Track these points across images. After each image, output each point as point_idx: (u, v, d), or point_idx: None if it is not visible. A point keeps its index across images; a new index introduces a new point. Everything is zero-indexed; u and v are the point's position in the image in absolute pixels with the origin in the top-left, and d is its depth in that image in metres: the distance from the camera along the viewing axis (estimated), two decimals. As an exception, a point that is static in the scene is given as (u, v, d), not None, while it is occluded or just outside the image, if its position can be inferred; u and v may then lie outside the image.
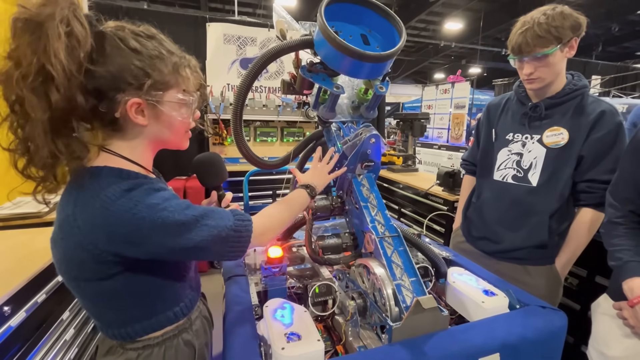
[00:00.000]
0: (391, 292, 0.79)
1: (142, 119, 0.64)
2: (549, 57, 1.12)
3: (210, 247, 0.65)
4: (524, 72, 1.19)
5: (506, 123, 1.36)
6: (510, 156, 1.31)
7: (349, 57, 0.87)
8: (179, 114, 0.68)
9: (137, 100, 0.61)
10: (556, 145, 1.20)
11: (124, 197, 0.58)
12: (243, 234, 0.69)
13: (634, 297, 0.87)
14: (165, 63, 0.64)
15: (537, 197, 1.24)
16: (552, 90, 1.22)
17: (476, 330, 0.79)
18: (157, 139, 0.69)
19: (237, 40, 3.15)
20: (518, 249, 1.28)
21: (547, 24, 1.09)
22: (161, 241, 0.60)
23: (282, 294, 0.96)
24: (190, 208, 0.64)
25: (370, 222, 0.92)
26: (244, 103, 1.01)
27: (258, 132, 3.35)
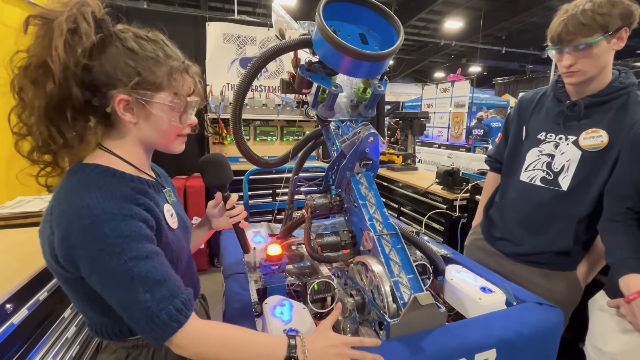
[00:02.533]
0: (389, 289, 0.80)
1: (130, 116, 0.65)
2: (593, 47, 1.01)
3: (127, 318, 0.60)
4: (564, 63, 1.08)
5: (539, 121, 1.26)
6: (541, 157, 1.23)
7: (347, 57, 0.88)
8: (168, 117, 0.68)
9: (125, 96, 0.63)
10: (594, 149, 1.10)
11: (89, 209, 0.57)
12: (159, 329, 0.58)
13: (630, 293, 0.87)
14: (160, 66, 0.65)
15: (566, 202, 1.16)
16: (595, 87, 1.11)
17: (473, 326, 0.80)
18: (147, 140, 0.70)
19: (236, 39, 3.15)
20: (539, 254, 1.23)
21: (593, 10, 0.99)
22: (90, 275, 0.58)
23: (281, 291, 0.96)
24: (141, 262, 0.58)
25: (368, 220, 0.93)
26: (243, 102, 1.01)
27: (258, 131, 3.35)
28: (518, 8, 9.29)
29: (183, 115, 0.70)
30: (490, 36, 11.60)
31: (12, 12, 1.82)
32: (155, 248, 0.63)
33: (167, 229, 0.71)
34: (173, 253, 0.71)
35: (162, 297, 0.59)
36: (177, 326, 0.59)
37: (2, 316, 0.92)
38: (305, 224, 1.01)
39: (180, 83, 0.69)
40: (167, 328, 0.58)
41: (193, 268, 0.86)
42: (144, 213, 0.64)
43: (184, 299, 0.62)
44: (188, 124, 0.74)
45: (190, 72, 0.71)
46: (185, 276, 0.79)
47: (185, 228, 0.83)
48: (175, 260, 0.73)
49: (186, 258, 0.80)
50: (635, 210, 0.96)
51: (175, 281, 0.63)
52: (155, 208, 0.68)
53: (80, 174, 0.63)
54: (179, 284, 0.63)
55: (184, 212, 0.85)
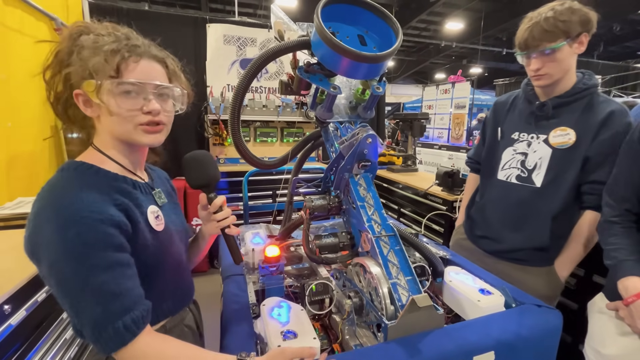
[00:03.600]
0: (387, 291, 0.80)
1: (90, 111, 0.66)
2: (557, 52, 1.09)
3: (75, 325, 0.60)
4: (531, 67, 1.16)
5: (513, 121, 1.33)
6: (515, 156, 1.30)
7: (345, 58, 0.88)
8: (115, 102, 0.63)
9: (79, 91, 0.64)
10: (563, 146, 1.17)
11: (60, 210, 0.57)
12: (102, 342, 0.57)
13: (628, 295, 0.87)
14: (97, 53, 0.62)
15: (540, 199, 1.22)
16: (561, 89, 1.19)
17: (471, 328, 0.80)
18: (114, 132, 0.68)
19: (237, 40, 3.16)
20: (518, 250, 1.28)
21: (555, 18, 1.07)
22: (47, 277, 0.58)
23: (279, 292, 0.96)
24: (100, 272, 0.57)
25: (366, 221, 0.93)
26: (242, 103, 1.01)
27: (258, 133, 3.36)
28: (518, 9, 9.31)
29: (122, 97, 0.64)
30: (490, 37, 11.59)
31: (13, 14, 1.83)
32: (121, 258, 0.61)
33: (147, 231, 0.68)
34: (152, 257, 0.69)
35: (112, 311, 0.57)
36: (120, 344, 0.58)
37: (0, 317, 0.92)
38: (304, 225, 1.01)
39: (123, 65, 0.64)
40: (110, 343, 0.57)
41: (183, 273, 0.82)
42: (118, 215, 0.62)
43: (135, 316, 0.59)
44: (145, 111, 0.66)
45: (138, 52, 0.66)
46: (172, 282, 0.77)
47: (180, 232, 0.80)
48: (155, 264, 0.70)
49: (174, 263, 0.76)
50: (634, 212, 0.96)
51: (132, 296, 0.60)
52: (133, 209, 0.66)
53: (65, 172, 0.65)
54: (136, 299, 0.61)
55: (179, 216, 0.82)
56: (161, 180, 0.85)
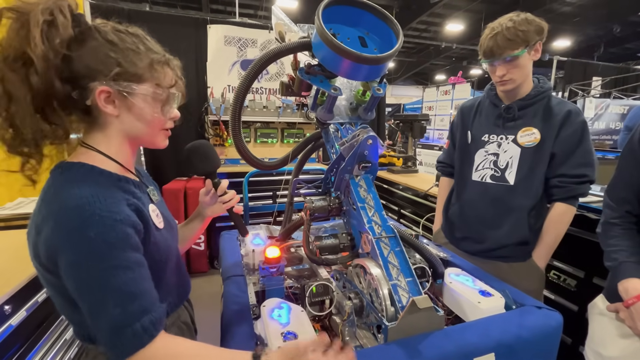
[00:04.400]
0: (387, 292, 0.80)
1: (112, 108, 0.65)
2: (519, 59, 1.20)
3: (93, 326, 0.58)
4: (497, 74, 1.25)
5: (481, 125, 1.40)
6: (487, 157, 1.36)
7: (346, 60, 0.88)
8: (151, 108, 0.68)
9: (105, 88, 0.62)
10: (530, 145, 1.26)
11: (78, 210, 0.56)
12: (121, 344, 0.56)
13: (629, 297, 0.87)
14: (141, 57, 0.65)
15: (515, 195, 1.29)
16: (522, 93, 1.29)
17: (471, 330, 0.80)
18: (130, 133, 0.69)
19: (237, 41, 3.17)
20: (501, 247, 1.33)
21: (515, 28, 1.18)
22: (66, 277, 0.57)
23: (279, 294, 0.96)
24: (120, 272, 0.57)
25: (367, 222, 0.93)
26: (242, 104, 1.02)
27: (258, 134, 3.36)
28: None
29: (165, 107, 0.70)
30: (491, 39, 11.61)
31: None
32: (139, 257, 0.61)
33: (154, 229, 0.70)
34: (161, 253, 0.71)
35: (131, 312, 0.57)
36: (139, 345, 0.57)
37: (0, 317, 0.92)
38: (304, 227, 1.01)
39: (162, 75, 0.69)
40: (129, 345, 0.56)
41: (182, 268, 0.85)
42: (134, 217, 0.63)
43: (154, 318, 0.59)
44: (171, 118, 0.73)
45: (172, 65, 0.71)
46: (174, 276, 0.79)
47: (171, 228, 0.82)
48: (164, 260, 0.72)
49: (174, 258, 0.79)
50: (634, 214, 0.96)
51: (150, 297, 0.61)
52: (142, 208, 0.67)
53: (67, 174, 0.62)
54: (153, 300, 0.61)
55: (168, 212, 0.84)
56: (146, 177, 0.86)
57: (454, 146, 1.54)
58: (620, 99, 6.44)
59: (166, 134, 0.75)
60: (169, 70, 0.70)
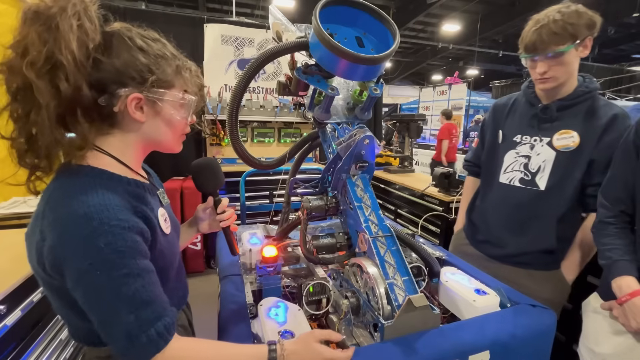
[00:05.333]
0: (383, 291, 0.80)
1: (140, 114, 0.64)
2: (564, 55, 1.08)
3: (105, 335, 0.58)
4: (537, 70, 1.14)
5: (514, 124, 1.31)
6: (518, 159, 1.27)
7: (343, 60, 0.88)
8: (178, 114, 0.69)
9: (138, 95, 0.62)
10: (566, 149, 1.16)
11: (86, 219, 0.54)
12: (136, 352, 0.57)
13: (622, 295, 0.88)
14: (169, 63, 0.66)
15: (545, 202, 1.20)
16: (564, 92, 1.18)
17: (467, 328, 0.80)
18: (151, 138, 0.69)
19: (234, 41, 3.16)
20: (523, 254, 1.25)
21: (563, 21, 1.06)
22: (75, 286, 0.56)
23: (276, 293, 0.96)
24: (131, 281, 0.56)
25: (364, 222, 0.93)
26: (240, 104, 1.02)
27: (255, 133, 3.36)
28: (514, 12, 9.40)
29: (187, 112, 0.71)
30: (487, 39, 11.67)
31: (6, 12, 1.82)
32: (148, 264, 0.61)
33: (161, 235, 0.69)
34: (166, 259, 0.70)
35: (145, 319, 0.57)
36: (155, 351, 0.57)
37: (-5, 317, 0.92)
38: (301, 226, 1.01)
39: (189, 80, 0.70)
40: (145, 352, 0.56)
41: (182, 272, 0.85)
42: (141, 224, 0.61)
43: (167, 322, 0.59)
44: (190, 122, 0.75)
45: (193, 71, 0.72)
46: (175, 281, 0.78)
47: (177, 232, 0.82)
48: (168, 266, 0.72)
49: (177, 263, 0.79)
50: (628, 213, 0.97)
51: (162, 302, 0.60)
52: (151, 215, 0.66)
53: (74, 178, 0.60)
54: (165, 305, 0.61)
55: (173, 214, 0.83)
56: (156, 178, 0.85)
57: (483, 145, 1.44)
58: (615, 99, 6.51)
59: (183, 138, 0.76)
60: (190, 75, 0.71)
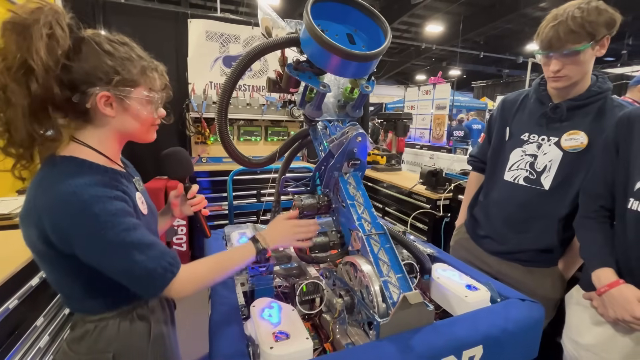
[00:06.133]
0: (378, 289, 0.80)
1: (110, 110, 0.72)
2: (580, 54, 1.05)
3: (129, 278, 0.69)
4: (551, 68, 1.10)
5: (522, 122, 1.28)
6: (524, 157, 1.26)
7: (335, 56, 0.87)
8: (145, 109, 0.76)
9: (106, 93, 0.70)
10: (574, 150, 1.14)
11: (76, 196, 0.64)
12: (157, 281, 0.69)
13: (601, 286, 0.91)
14: (134, 65, 0.73)
15: (548, 201, 1.20)
16: (576, 91, 1.15)
17: (460, 324, 0.81)
18: (123, 130, 0.77)
19: (219, 37, 3.09)
20: (523, 252, 1.26)
21: (582, 18, 1.02)
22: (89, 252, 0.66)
23: (269, 293, 0.95)
24: (131, 232, 0.68)
25: (357, 219, 0.93)
26: (229, 101, 1.00)
27: (242, 131, 3.30)
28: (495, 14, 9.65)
29: (156, 107, 0.79)
30: (469, 41, 11.94)
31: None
32: (138, 221, 0.71)
33: (141, 215, 0.78)
34: None
35: (154, 256, 0.69)
36: (171, 276, 0.70)
37: (-33, 326, 0.86)
38: (294, 225, 1.00)
39: (153, 79, 0.77)
40: (164, 279, 0.69)
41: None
42: (124, 196, 0.72)
43: (172, 255, 0.72)
44: (159, 116, 0.82)
45: (159, 70, 0.80)
46: None
47: (154, 216, 0.90)
48: None
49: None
50: (607, 208, 1.00)
51: (161, 244, 0.73)
52: (127, 197, 0.74)
53: (59, 166, 0.69)
54: (165, 247, 0.73)
55: (151, 200, 0.92)
56: (132, 168, 0.92)
57: (490, 141, 1.42)
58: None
59: (155, 129, 0.84)
60: (157, 74, 0.79)
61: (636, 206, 0.88)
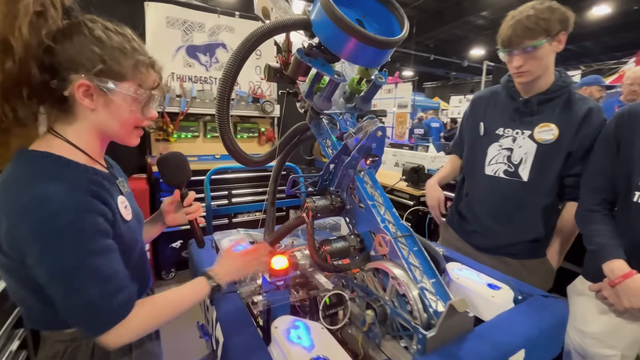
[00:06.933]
0: (418, 297, 0.73)
1: (89, 102, 0.65)
2: (538, 49, 1.12)
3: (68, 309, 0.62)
4: (514, 64, 1.18)
5: (495, 118, 1.34)
6: (501, 151, 1.31)
7: (354, 40, 0.79)
8: (129, 107, 0.69)
9: (85, 82, 0.63)
10: (547, 141, 1.21)
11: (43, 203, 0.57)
12: (99, 323, 0.62)
13: (615, 277, 0.94)
14: (126, 57, 0.67)
15: (528, 192, 1.24)
16: (542, 86, 1.22)
17: (499, 328, 0.77)
18: (103, 128, 0.70)
19: (182, 24, 2.81)
20: (513, 245, 1.29)
21: (536, 16, 1.10)
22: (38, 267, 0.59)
23: (285, 309, 0.83)
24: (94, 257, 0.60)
25: (381, 221, 0.85)
26: (231, 91, 0.87)
27: (208, 128, 3.05)
28: (443, 20, 10.25)
29: (145, 107, 0.72)
30: (420, 44, 12.54)
31: None
32: (110, 243, 0.65)
33: (121, 222, 0.71)
34: (125, 246, 0.71)
35: (108, 292, 0.61)
36: (117, 320, 0.62)
37: None
38: (308, 230, 0.89)
39: (146, 76, 0.70)
40: (105, 323, 0.62)
41: (145, 261, 0.86)
42: (102, 206, 0.65)
43: (130, 293, 0.65)
44: (149, 118, 0.75)
45: (156, 68, 0.74)
46: (137, 269, 0.78)
47: (139, 220, 0.83)
48: (128, 253, 0.72)
49: (138, 250, 0.80)
50: (608, 201, 1.05)
51: (123, 278, 0.65)
52: (110, 201, 0.68)
53: (32, 162, 0.63)
54: (126, 281, 0.65)
55: (136, 204, 0.85)
56: (117, 168, 0.86)
57: (461, 138, 1.49)
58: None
59: (138, 133, 0.76)
60: (153, 72, 0.72)
61: (644, 199, 0.91)
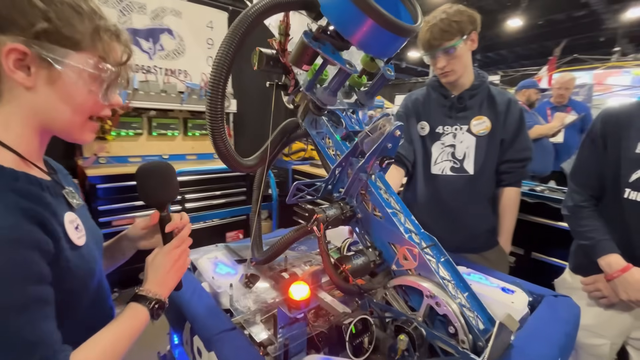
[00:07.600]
0: (460, 316, 0.65)
1: (23, 76, 0.50)
2: (457, 49, 1.21)
3: None
4: (438, 65, 1.25)
5: (433, 117, 1.37)
6: (445, 149, 1.35)
7: (370, 21, 0.67)
8: (86, 87, 0.54)
9: (19, 46, 0.48)
10: (483, 133, 1.29)
11: None
12: None
13: (613, 271, 0.98)
14: (83, 19, 0.53)
15: (476, 184, 1.31)
16: (467, 83, 1.31)
17: (533, 339, 0.73)
18: (45, 116, 0.54)
19: (118, 3, 2.41)
20: (472, 239, 1.33)
21: (448, 19, 1.19)
22: None
23: (302, 346, 0.69)
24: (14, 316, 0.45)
25: (404, 232, 0.76)
26: (226, 82, 0.69)
27: (154, 124, 2.68)
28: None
29: (109, 89, 0.57)
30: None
31: None
32: (40, 292, 0.48)
33: (69, 249, 0.55)
34: (76, 280, 0.57)
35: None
36: None
37: None
38: (321, 246, 0.76)
39: (109, 47, 0.56)
40: None
41: (105, 295, 0.69)
42: (37, 233, 0.48)
43: None
44: (111, 104, 0.59)
45: (122, 39, 0.59)
46: (94, 308, 0.64)
47: (97, 244, 0.67)
48: (79, 289, 0.58)
49: (95, 283, 0.63)
50: (595, 197, 1.09)
51: (51, 343, 0.49)
52: (52, 222, 0.52)
53: None
54: (56, 347, 0.49)
55: (92, 221, 0.69)
56: (63, 174, 0.68)
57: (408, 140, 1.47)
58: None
59: (93, 127, 0.61)
60: (117, 44, 0.58)
61: (634, 196, 0.96)
